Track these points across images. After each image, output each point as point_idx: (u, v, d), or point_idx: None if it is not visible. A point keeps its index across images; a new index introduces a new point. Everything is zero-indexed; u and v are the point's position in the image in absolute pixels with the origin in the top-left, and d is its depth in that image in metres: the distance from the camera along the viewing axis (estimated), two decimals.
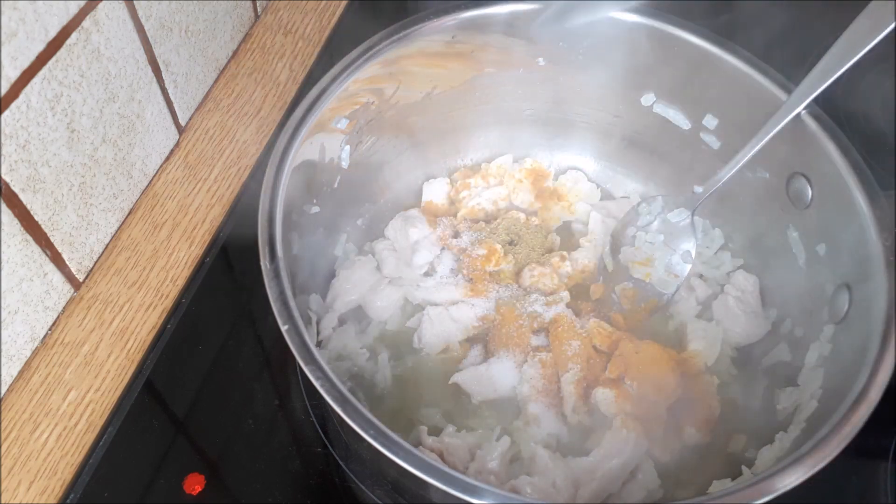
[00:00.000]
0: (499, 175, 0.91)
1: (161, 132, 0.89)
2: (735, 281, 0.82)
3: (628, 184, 0.92)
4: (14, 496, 0.69)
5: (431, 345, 0.79)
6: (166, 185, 0.90)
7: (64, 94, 0.70)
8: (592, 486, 0.67)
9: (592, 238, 0.86)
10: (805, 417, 0.65)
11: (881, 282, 0.63)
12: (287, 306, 0.60)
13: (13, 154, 0.65)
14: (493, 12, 0.78)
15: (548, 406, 0.74)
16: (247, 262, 0.81)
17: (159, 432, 0.74)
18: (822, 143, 0.70)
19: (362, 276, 0.81)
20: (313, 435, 0.75)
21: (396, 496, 0.71)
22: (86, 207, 0.78)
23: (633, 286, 0.82)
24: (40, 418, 0.73)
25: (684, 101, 0.82)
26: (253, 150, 0.94)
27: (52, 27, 0.67)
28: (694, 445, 0.74)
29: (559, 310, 0.80)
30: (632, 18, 0.78)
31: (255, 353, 0.80)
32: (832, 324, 0.69)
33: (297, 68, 1.01)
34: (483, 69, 0.83)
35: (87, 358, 0.77)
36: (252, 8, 1.03)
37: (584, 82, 0.85)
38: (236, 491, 0.71)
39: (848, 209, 0.68)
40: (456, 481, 0.52)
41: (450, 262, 0.84)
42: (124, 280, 0.82)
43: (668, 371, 0.75)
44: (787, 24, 0.95)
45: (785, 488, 0.53)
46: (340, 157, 0.78)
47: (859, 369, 0.60)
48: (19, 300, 0.71)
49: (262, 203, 0.65)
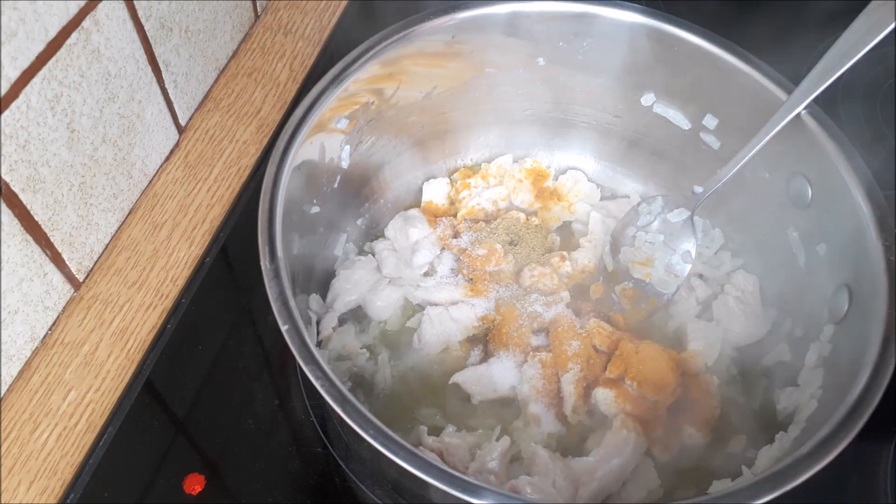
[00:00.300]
0: (499, 175, 0.91)
1: (161, 132, 0.89)
2: (735, 281, 0.82)
3: (628, 184, 0.92)
4: (14, 496, 0.69)
5: (431, 345, 0.79)
6: (166, 185, 0.90)
7: (64, 94, 0.70)
8: (592, 486, 0.67)
9: (592, 238, 0.86)
10: (805, 417, 0.65)
11: (881, 282, 0.63)
12: (287, 306, 0.60)
13: (13, 154, 0.65)
14: (493, 12, 0.78)
15: (548, 406, 0.74)
16: (247, 262, 0.82)
17: (159, 432, 0.74)
18: (822, 143, 0.70)
19: (362, 276, 0.81)
20: (313, 435, 0.75)
21: (396, 496, 0.71)
22: (86, 207, 0.78)
23: (633, 286, 0.82)
24: (40, 418, 0.73)
25: (684, 101, 0.82)
26: (253, 150, 0.94)
27: (52, 27, 0.67)
28: (694, 445, 0.74)
29: (559, 310, 0.80)
30: (632, 18, 0.78)
31: (255, 353, 0.80)
32: (832, 324, 0.69)
33: (297, 68, 1.01)
34: (483, 69, 0.83)
35: (87, 358, 0.77)
36: (252, 8, 1.03)
37: (584, 82, 0.85)
38: (236, 491, 0.71)
39: (848, 209, 0.68)
40: (456, 481, 0.52)
41: (450, 262, 0.84)
42: (124, 280, 0.82)
43: (668, 371, 0.75)
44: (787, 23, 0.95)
45: (785, 488, 0.53)
46: (340, 157, 0.78)
47: (859, 369, 0.59)
48: (19, 300, 0.71)
49: (262, 203, 0.65)
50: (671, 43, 0.78)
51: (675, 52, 0.78)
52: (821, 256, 0.72)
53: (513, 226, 0.87)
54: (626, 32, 0.79)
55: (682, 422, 0.74)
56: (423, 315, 0.80)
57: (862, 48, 0.65)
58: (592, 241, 0.86)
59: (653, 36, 0.78)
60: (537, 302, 0.80)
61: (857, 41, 0.65)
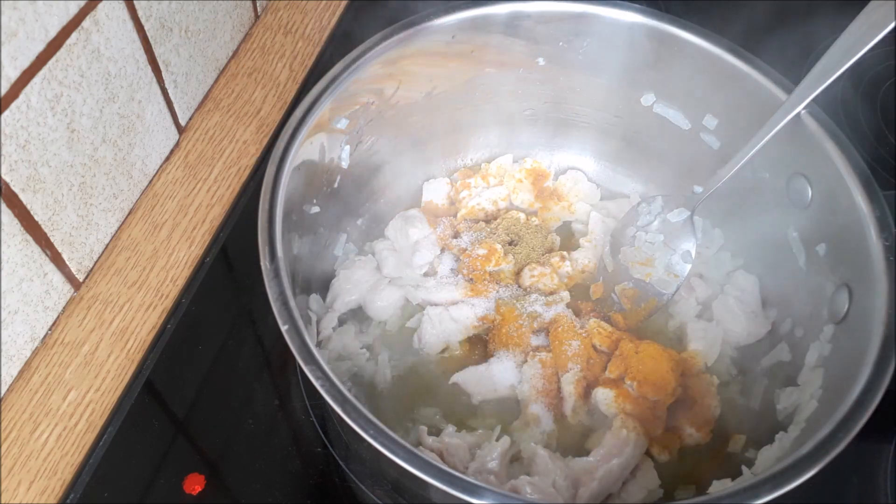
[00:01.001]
0: (499, 175, 0.91)
1: (161, 132, 0.89)
2: (735, 281, 0.82)
3: (628, 184, 0.92)
4: (14, 496, 0.69)
5: (431, 345, 0.79)
6: (166, 185, 0.90)
7: (64, 94, 0.70)
8: (592, 486, 0.67)
9: (592, 238, 0.86)
10: (805, 417, 0.65)
11: (881, 282, 0.63)
12: (287, 306, 0.60)
13: (13, 154, 0.65)
14: (493, 12, 0.78)
15: (548, 406, 0.74)
16: (247, 262, 0.82)
17: (159, 432, 0.74)
18: (822, 143, 0.70)
19: (362, 276, 0.81)
20: (313, 435, 0.75)
21: (396, 496, 0.71)
22: (86, 207, 0.78)
23: (633, 286, 0.82)
24: (40, 418, 0.74)
25: (684, 101, 0.82)
26: (253, 150, 0.94)
27: (52, 27, 0.67)
28: (694, 445, 0.74)
29: (559, 310, 0.80)
30: (632, 18, 0.78)
31: (255, 353, 0.80)
32: (832, 324, 0.69)
33: (297, 68, 1.01)
34: (483, 69, 0.83)
35: (87, 358, 0.77)
36: (252, 8, 1.03)
37: (584, 82, 0.85)
38: (236, 491, 0.71)
39: (848, 209, 0.68)
40: (456, 481, 0.52)
41: (450, 262, 0.84)
42: (124, 280, 0.82)
43: (668, 371, 0.75)
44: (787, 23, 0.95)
45: (785, 488, 0.53)
46: (340, 157, 0.78)
47: (859, 369, 0.59)
48: (19, 300, 0.71)
49: (262, 203, 0.65)
50: (671, 43, 0.78)
51: (675, 52, 0.78)
52: (821, 256, 0.72)
53: (513, 226, 0.87)
54: (626, 32, 0.79)
55: (682, 422, 0.74)
56: (423, 315, 0.80)
57: (862, 48, 0.65)
58: (592, 241, 0.86)
59: (653, 36, 0.78)
60: (537, 302, 0.80)
61: (857, 41, 0.65)
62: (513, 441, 0.71)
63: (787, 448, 0.64)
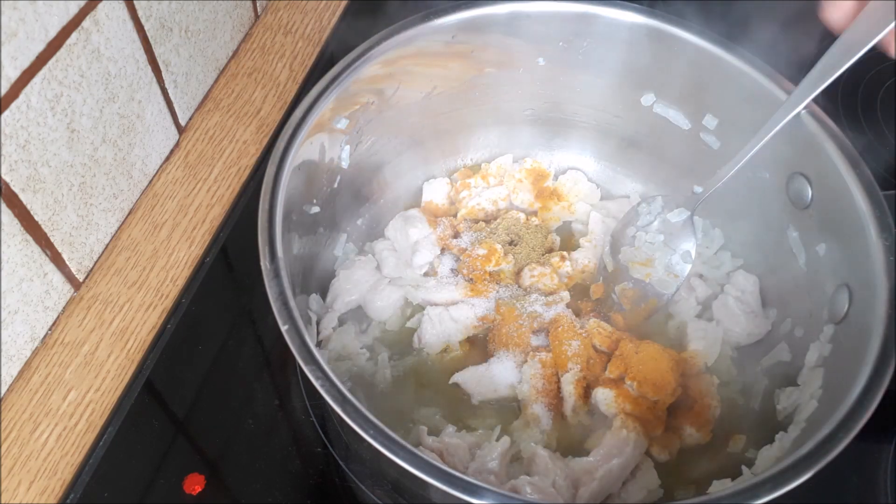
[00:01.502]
0: (499, 175, 0.91)
1: (161, 132, 0.89)
2: (735, 281, 0.82)
3: (628, 184, 0.92)
4: (14, 496, 0.69)
5: (431, 345, 0.79)
6: (166, 185, 0.90)
7: (64, 94, 0.70)
8: (592, 486, 0.67)
9: (592, 238, 0.86)
10: (805, 417, 0.65)
11: (881, 282, 0.63)
12: (287, 306, 0.60)
13: (13, 154, 0.65)
14: (493, 12, 0.78)
15: (548, 406, 0.74)
16: (247, 262, 0.82)
17: (159, 432, 0.74)
18: (822, 143, 0.70)
19: (362, 276, 0.81)
20: (313, 435, 0.75)
21: (396, 496, 0.71)
22: (86, 207, 0.78)
23: (633, 286, 0.82)
24: (40, 418, 0.74)
25: (684, 101, 0.82)
26: (253, 150, 0.94)
27: (52, 27, 0.67)
28: (694, 445, 0.74)
29: (559, 310, 0.80)
30: (632, 18, 0.78)
31: (255, 353, 0.80)
32: (832, 324, 0.69)
33: (297, 68, 1.01)
34: (483, 69, 0.83)
35: (87, 358, 0.77)
36: (252, 8, 1.03)
37: (584, 82, 0.85)
38: (236, 491, 0.71)
39: (848, 209, 0.68)
40: (456, 481, 0.52)
41: (450, 263, 0.84)
42: (124, 280, 0.82)
43: (668, 371, 0.74)
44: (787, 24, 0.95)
45: (785, 488, 0.53)
46: (340, 157, 0.78)
47: (859, 369, 0.59)
48: (19, 300, 0.71)
49: (262, 203, 0.65)
50: (671, 43, 0.78)
51: (675, 52, 0.78)
52: (821, 256, 0.72)
53: (513, 226, 0.87)
54: (626, 32, 0.79)
55: (682, 422, 0.74)
56: (423, 315, 0.80)
57: (862, 48, 0.65)
58: (592, 241, 0.86)
59: (653, 36, 0.78)
60: (537, 302, 0.80)
61: (857, 41, 0.65)
62: (513, 441, 0.71)
63: (787, 448, 0.64)
